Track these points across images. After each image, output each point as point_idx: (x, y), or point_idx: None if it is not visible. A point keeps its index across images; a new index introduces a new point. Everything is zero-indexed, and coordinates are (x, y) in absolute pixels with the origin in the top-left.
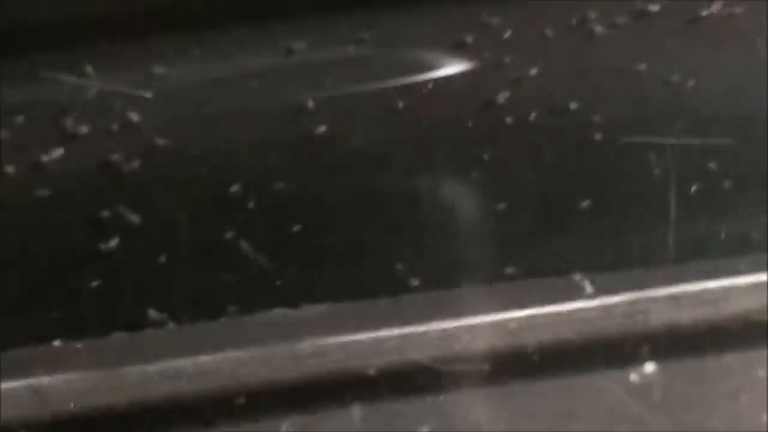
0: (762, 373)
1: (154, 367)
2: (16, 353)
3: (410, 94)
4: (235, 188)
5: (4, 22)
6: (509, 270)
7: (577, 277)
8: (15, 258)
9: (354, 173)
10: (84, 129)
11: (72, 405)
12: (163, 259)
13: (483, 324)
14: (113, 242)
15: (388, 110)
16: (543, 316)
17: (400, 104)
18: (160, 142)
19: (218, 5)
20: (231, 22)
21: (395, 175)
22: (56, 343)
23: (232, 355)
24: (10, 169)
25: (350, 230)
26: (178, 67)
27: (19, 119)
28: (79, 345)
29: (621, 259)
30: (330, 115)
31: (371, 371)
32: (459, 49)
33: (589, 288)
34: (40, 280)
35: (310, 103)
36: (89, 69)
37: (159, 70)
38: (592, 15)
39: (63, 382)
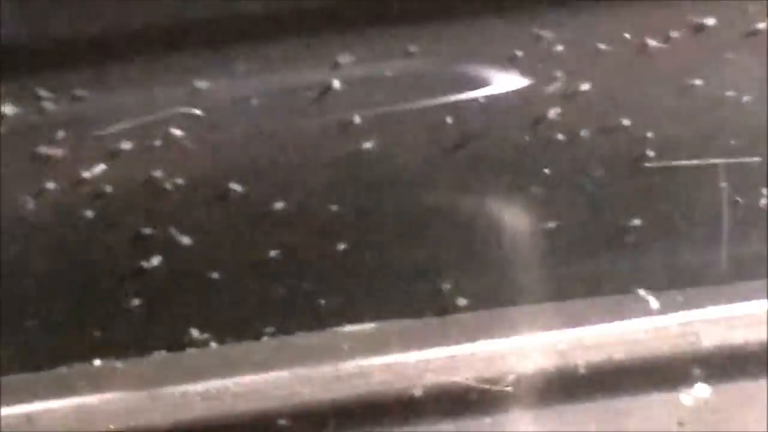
0: None
1: (195, 388)
2: (57, 372)
3: (459, 110)
4: (279, 205)
5: (44, 40)
6: (556, 289)
7: (630, 296)
8: (55, 276)
9: (401, 190)
10: (127, 145)
11: (112, 425)
12: (206, 277)
13: (531, 344)
14: (155, 260)
15: (436, 126)
16: (592, 336)
17: (449, 120)
18: (204, 158)
19: (264, 19)
20: (277, 37)
21: (443, 192)
22: (97, 362)
23: (274, 375)
24: (51, 185)
25: (397, 249)
26: (222, 82)
27: (61, 135)
28: (119, 364)
29: (673, 279)
30: (377, 131)
31: (417, 392)
32: (510, 64)
33: (645, 307)
34: (81, 299)
35: (357, 119)
36: (132, 84)
37: (203, 84)
38: (647, 28)
39: (103, 402)
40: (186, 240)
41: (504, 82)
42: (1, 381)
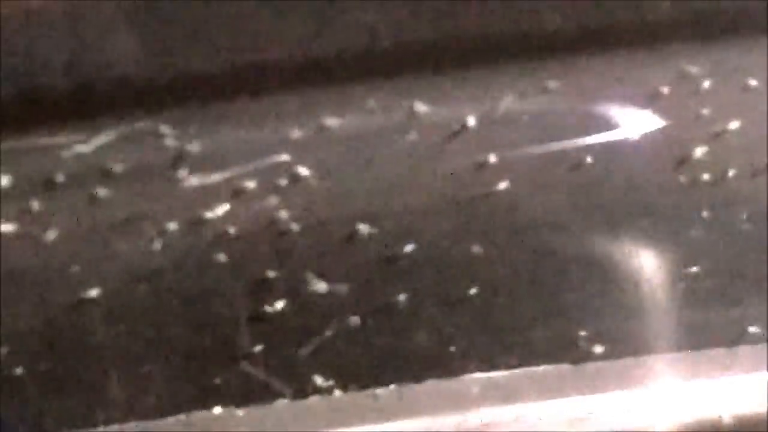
0: None
1: None
2: (177, 420)
3: (600, 149)
4: (409, 248)
5: (168, 76)
6: (695, 338)
7: None
8: (175, 319)
9: (537, 234)
10: (251, 184)
11: None
12: (331, 323)
13: (670, 394)
14: (279, 304)
15: (575, 167)
16: (734, 386)
17: (589, 160)
18: (330, 198)
19: (397, 54)
20: (405, 71)
21: (581, 236)
22: (217, 409)
23: (400, 424)
24: (172, 225)
25: (530, 294)
26: (351, 118)
27: (182, 173)
28: (240, 412)
29: None
30: (513, 172)
31: None
32: (654, 101)
33: None
34: (201, 343)
35: (492, 159)
36: (258, 120)
37: (331, 121)
38: None
39: None
40: (311, 284)
41: (647, 119)
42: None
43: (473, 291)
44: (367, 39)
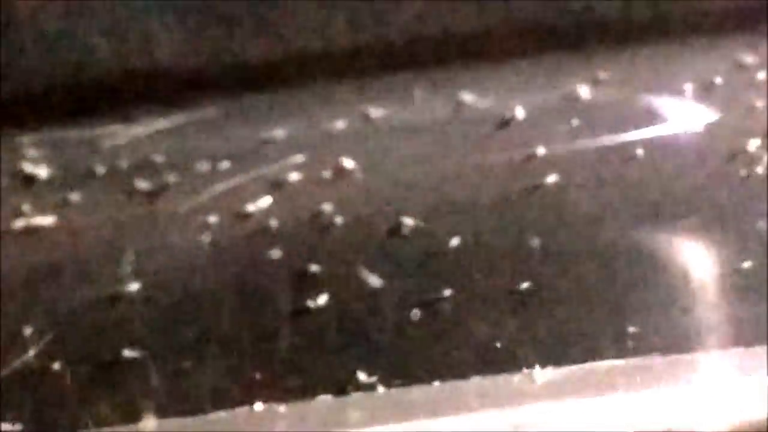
0: None
1: None
2: (217, 417)
3: (651, 141)
4: (455, 242)
5: (212, 63)
6: (748, 333)
7: None
8: (215, 314)
9: (586, 227)
10: (294, 176)
11: None
12: (374, 317)
13: (719, 392)
14: (322, 299)
15: (626, 159)
16: None
17: (640, 152)
18: (375, 190)
19: (443, 44)
20: (451, 60)
21: (631, 230)
22: (258, 406)
23: (444, 422)
24: (213, 219)
25: (579, 288)
26: (396, 109)
27: (225, 165)
28: (282, 408)
29: None
30: (562, 164)
31: None
32: (707, 92)
33: None
34: (242, 338)
35: (541, 151)
36: (303, 112)
37: (376, 112)
38: None
39: None
40: (354, 278)
41: (701, 111)
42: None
43: (522, 286)
44: (412, 28)
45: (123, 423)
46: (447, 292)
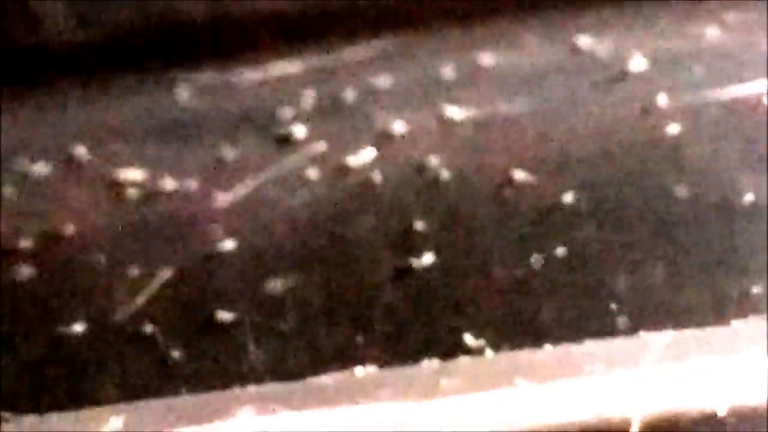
0: None
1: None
2: (320, 381)
3: None
4: (568, 198)
5: (311, 10)
6: None
7: None
8: (313, 275)
9: (709, 180)
10: (399, 127)
11: None
12: (483, 277)
13: None
14: (427, 258)
15: (751, 109)
16: None
17: (765, 101)
18: (484, 142)
19: None
20: (566, 3)
21: (756, 182)
22: (359, 371)
23: (565, 383)
24: (312, 172)
25: (702, 245)
26: (507, 55)
27: (324, 117)
28: (385, 374)
29: None
30: (684, 115)
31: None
32: None
33: None
34: (342, 299)
35: (662, 101)
36: (408, 59)
37: (486, 59)
38: None
39: (368, 413)
40: (461, 235)
41: None
42: (250, 391)
43: (636, 240)
44: None
45: (218, 389)
46: (560, 251)
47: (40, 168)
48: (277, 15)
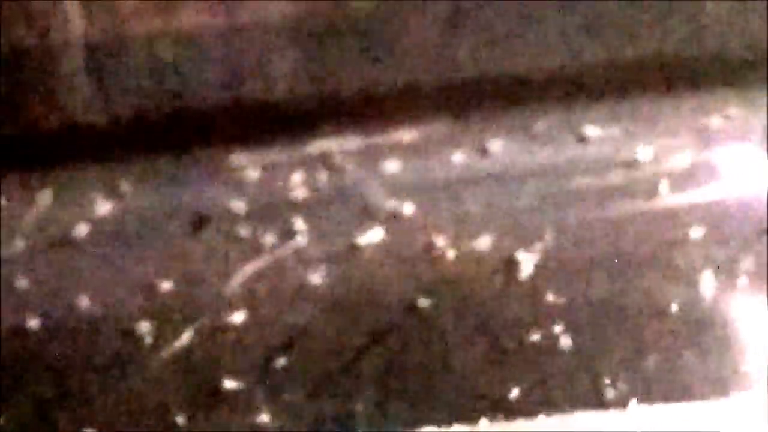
0: None
1: None
2: None
3: None
4: (563, 298)
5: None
6: None
7: None
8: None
9: None
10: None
11: None
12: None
13: None
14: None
15: None
16: None
17: None
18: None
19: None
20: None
21: None
22: None
23: None
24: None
25: None
26: (516, 143)
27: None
28: None
29: None
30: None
31: None
32: None
33: None
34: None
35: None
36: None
37: (494, 146)
38: None
39: None
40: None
41: None
42: None
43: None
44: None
45: None
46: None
47: None
48: (294, 99)
